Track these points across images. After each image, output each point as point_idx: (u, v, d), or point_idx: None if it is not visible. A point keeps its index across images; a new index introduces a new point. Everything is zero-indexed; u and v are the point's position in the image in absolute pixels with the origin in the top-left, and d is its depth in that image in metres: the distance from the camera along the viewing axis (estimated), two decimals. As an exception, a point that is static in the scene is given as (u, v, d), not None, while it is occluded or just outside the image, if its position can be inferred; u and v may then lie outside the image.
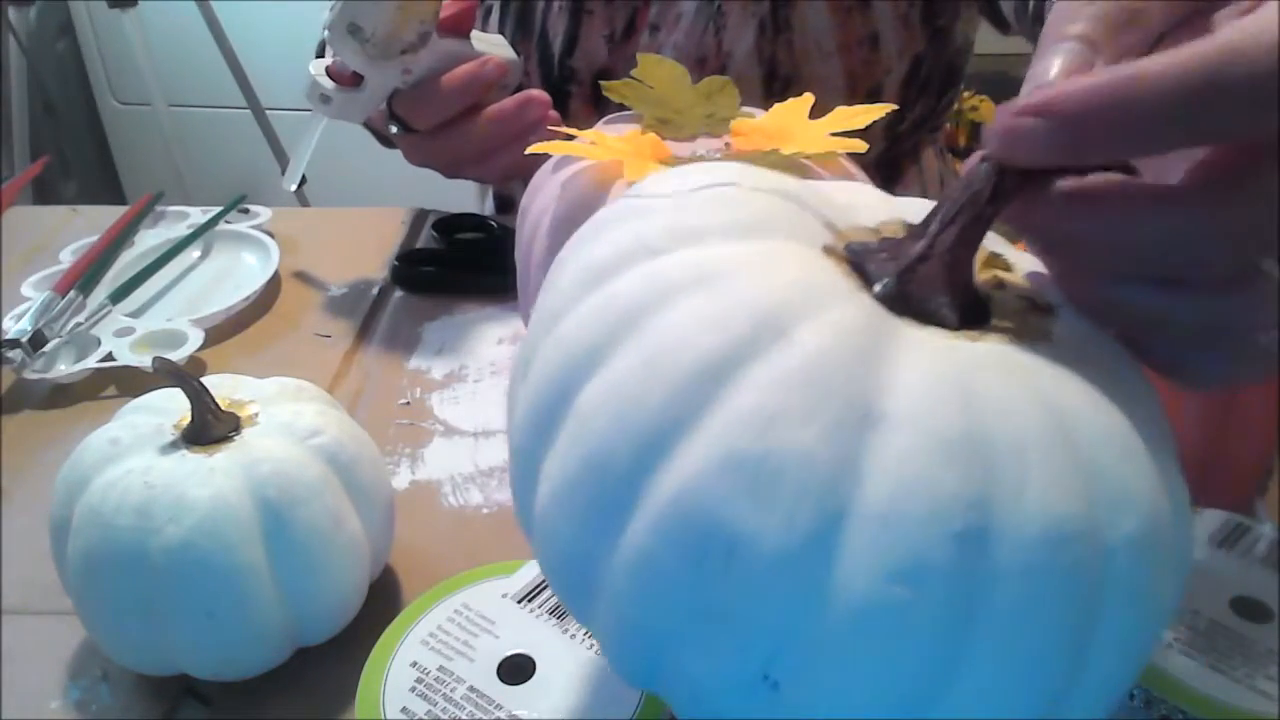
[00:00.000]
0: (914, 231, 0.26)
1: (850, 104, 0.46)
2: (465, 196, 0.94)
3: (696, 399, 0.21)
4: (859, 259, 0.25)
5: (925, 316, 0.24)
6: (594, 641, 0.34)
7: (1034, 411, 0.22)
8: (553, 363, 0.24)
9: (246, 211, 0.71)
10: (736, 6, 0.66)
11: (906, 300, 0.24)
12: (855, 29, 0.66)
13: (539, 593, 0.36)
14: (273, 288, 0.63)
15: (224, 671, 0.36)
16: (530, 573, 0.37)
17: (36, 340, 0.55)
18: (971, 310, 0.25)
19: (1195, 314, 0.23)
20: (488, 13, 0.73)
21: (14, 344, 0.54)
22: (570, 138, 0.45)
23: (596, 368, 0.23)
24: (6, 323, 0.56)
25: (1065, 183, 0.23)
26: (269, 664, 0.37)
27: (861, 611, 0.20)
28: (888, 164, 0.76)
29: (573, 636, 0.34)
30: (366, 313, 0.62)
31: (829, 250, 0.25)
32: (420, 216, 0.73)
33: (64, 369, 0.55)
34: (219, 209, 0.70)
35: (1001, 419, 0.21)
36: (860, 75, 0.68)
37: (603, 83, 0.47)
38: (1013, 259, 0.27)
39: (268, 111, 1.64)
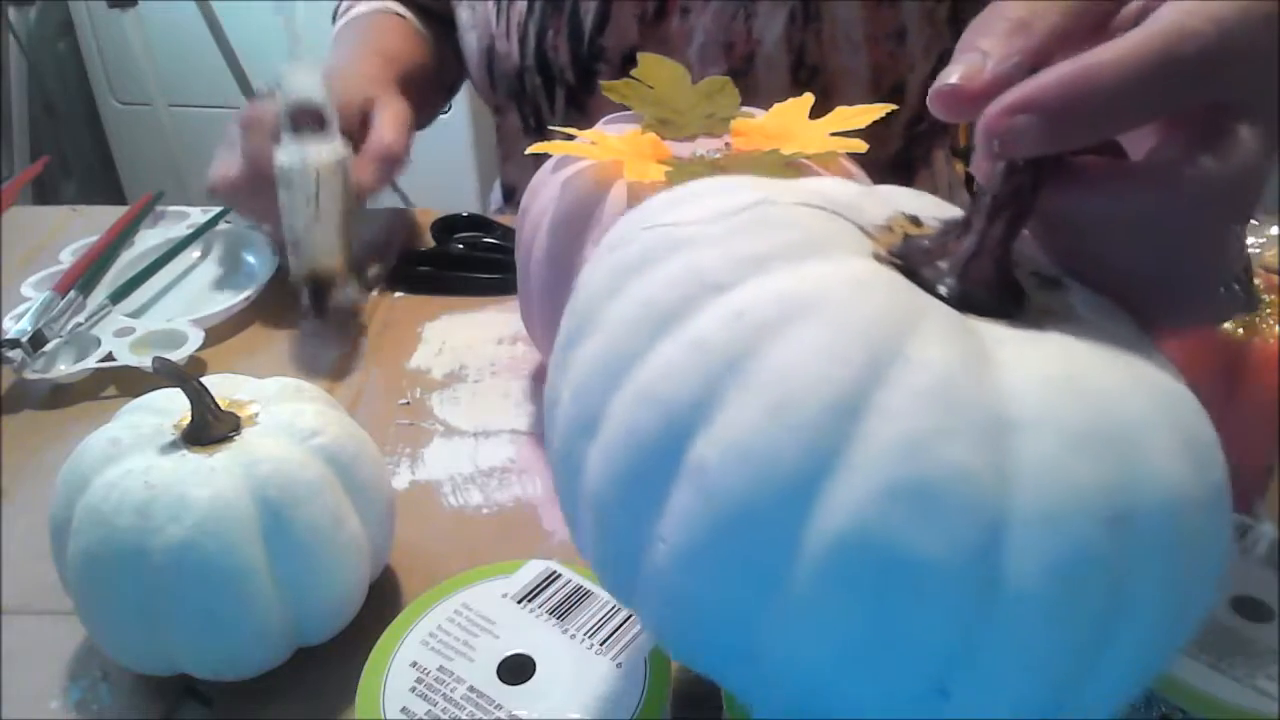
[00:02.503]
0: (956, 229, 0.26)
1: (874, 98, 0.46)
2: (465, 196, 0.94)
3: (836, 437, 0.21)
4: (908, 262, 0.26)
5: (984, 311, 0.25)
6: (594, 641, 0.34)
7: (1131, 392, 0.23)
8: (643, 422, 0.23)
9: (246, 211, 0.71)
10: None
11: (968, 298, 0.25)
12: (884, 22, 0.66)
13: (539, 593, 0.36)
14: (273, 288, 0.63)
15: (224, 671, 0.36)
16: (530, 573, 0.37)
17: (36, 340, 0.55)
18: (1013, 292, 0.26)
19: (1178, 271, 0.26)
20: None
21: (14, 344, 0.54)
22: (570, 138, 0.46)
23: (704, 423, 0.22)
24: (6, 323, 0.56)
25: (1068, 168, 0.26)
26: (269, 664, 0.37)
27: (1032, 608, 0.21)
28: (902, 165, 0.76)
29: (572, 637, 0.34)
30: (367, 313, 0.62)
31: (879, 258, 0.25)
32: (420, 216, 0.73)
33: (64, 369, 0.55)
34: (219, 209, 0.70)
35: (1114, 406, 0.22)
36: (886, 69, 0.68)
37: (602, 83, 0.47)
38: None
39: (268, 111, 1.64)
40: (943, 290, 0.25)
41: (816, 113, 0.47)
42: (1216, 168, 0.25)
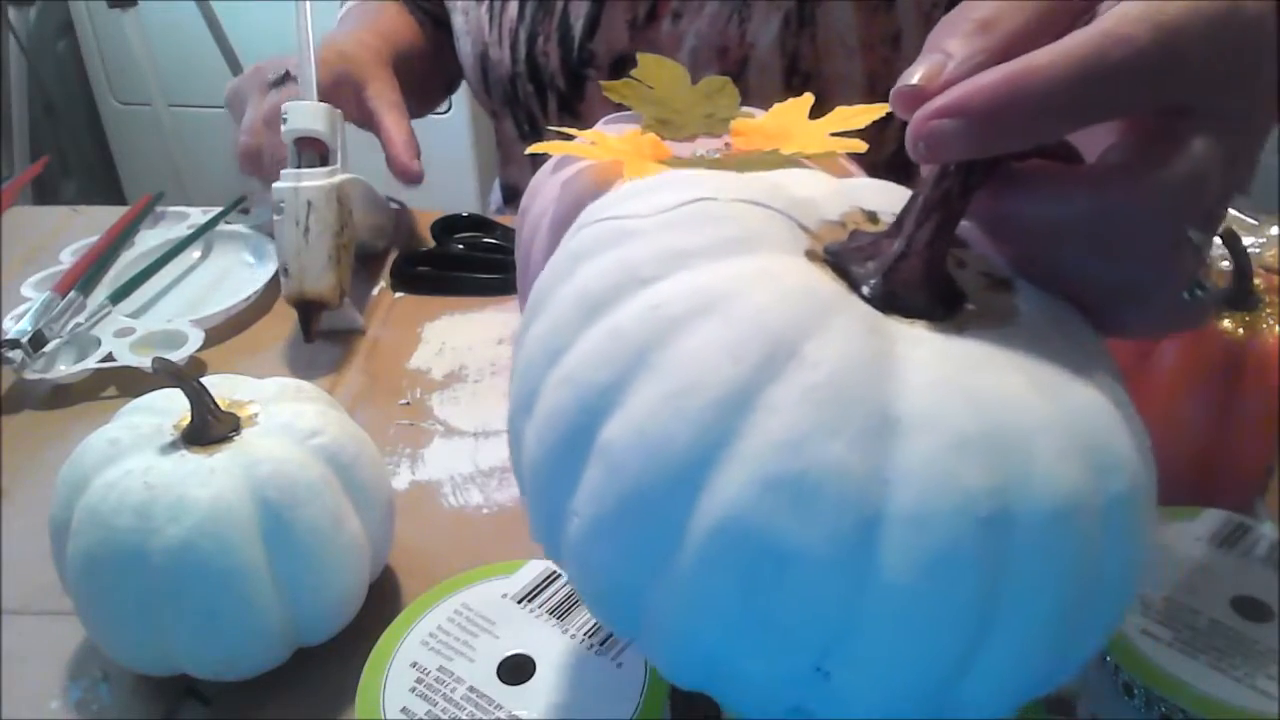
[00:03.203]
0: (889, 230, 0.26)
1: (870, 104, 0.45)
2: (465, 196, 0.94)
3: (724, 429, 0.22)
4: (839, 260, 0.26)
5: (910, 312, 0.25)
6: (594, 641, 0.34)
7: (1031, 397, 0.23)
8: (564, 403, 0.24)
9: (246, 212, 0.71)
10: None
11: (892, 298, 0.25)
12: (879, 27, 0.66)
13: (539, 593, 0.36)
14: (273, 288, 0.63)
15: (224, 671, 0.36)
16: (530, 573, 0.37)
17: (37, 340, 0.55)
18: (946, 296, 0.26)
19: (1129, 277, 0.26)
20: None
21: (14, 344, 0.54)
22: (570, 138, 0.45)
23: (614, 408, 0.23)
24: (6, 323, 0.56)
25: (1005, 173, 0.26)
26: (269, 664, 0.37)
27: (904, 602, 0.22)
28: (898, 167, 0.76)
29: (572, 636, 0.34)
30: (366, 313, 0.62)
31: (811, 255, 0.26)
32: (420, 217, 0.73)
33: (64, 369, 0.55)
34: (219, 209, 0.70)
35: (1006, 410, 0.23)
36: (880, 75, 0.68)
37: (603, 83, 0.47)
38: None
39: (268, 111, 1.64)
40: (866, 290, 0.25)
41: (811, 119, 0.47)
42: (1162, 174, 0.24)
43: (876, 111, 0.44)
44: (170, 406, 0.38)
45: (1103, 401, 0.24)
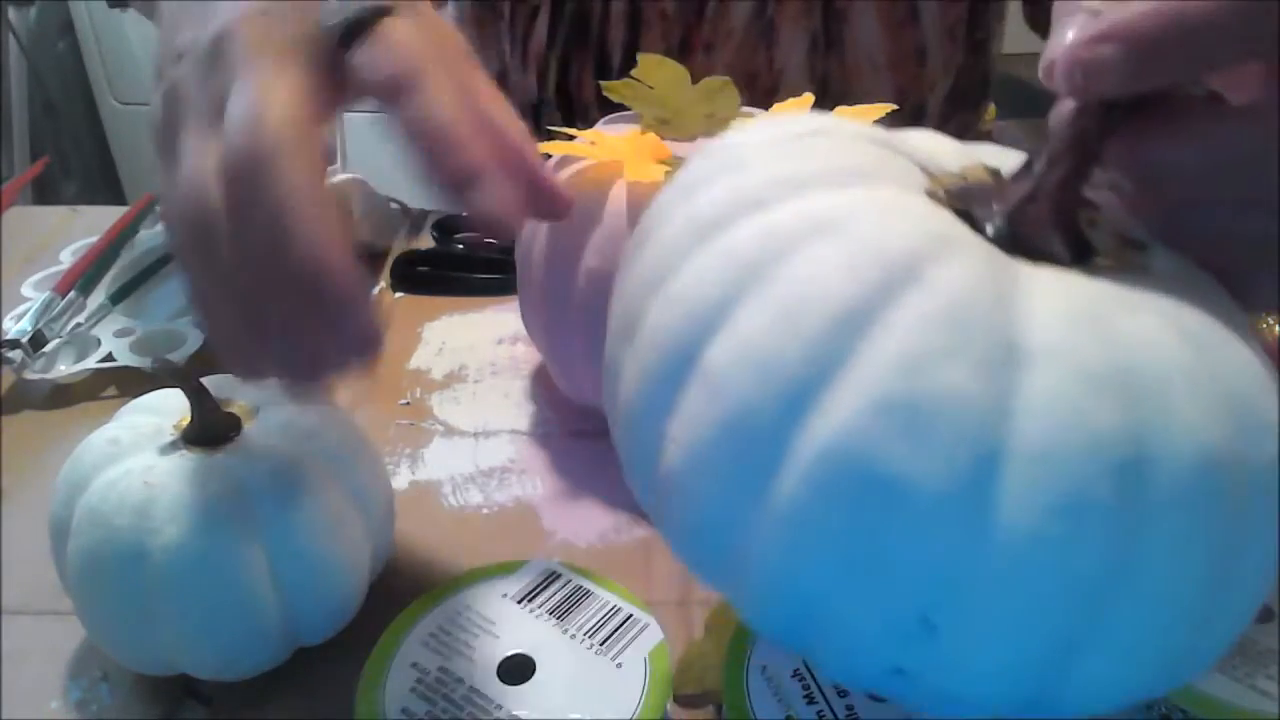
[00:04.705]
0: (1018, 173, 0.26)
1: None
2: (465, 196, 0.93)
3: (837, 348, 0.21)
4: (962, 202, 0.25)
5: (1036, 255, 0.24)
6: (594, 641, 0.34)
7: (1171, 340, 0.22)
8: (669, 322, 0.23)
9: (246, 211, 0.71)
10: (787, 22, 0.66)
11: (1017, 241, 0.24)
12: (905, 43, 0.66)
13: (539, 593, 0.36)
14: (273, 288, 0.63)
15: (224, 671, 0.36)
16: (530, 573, 0.37)
17: (37, 340, 0.55)
18: (1075, 247, 0.25)
19: (1276, 232, 0.24)
20: (533, 14, 0.68)
21: (14, 344, 0.54)
22: (570, 138, 0.46)
23: (722, 325, 0.22)
24: (6, 323, 0.56)
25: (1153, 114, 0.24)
26: (269, 664, 0.37)
27: (1025, 549, 0.20)
28: None
29: (572, 637, 0.34)
30: (366, 313, 0.62)
31: (931, 195, 0.25)
32: (420, 216, 0.73)
33: (64, 369, 0.55)
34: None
35: (1142, 349, 0.21)
36: (908, 92, 0.67)
37: (603, 83, 0.47)
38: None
39: (268, 111, 1.64)
40: (989, 230, 0.25)
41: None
42: None
43: (876, 112, 0.44)
44: (170, 406, 0.38)
45: (1249, 358, 0.23)
